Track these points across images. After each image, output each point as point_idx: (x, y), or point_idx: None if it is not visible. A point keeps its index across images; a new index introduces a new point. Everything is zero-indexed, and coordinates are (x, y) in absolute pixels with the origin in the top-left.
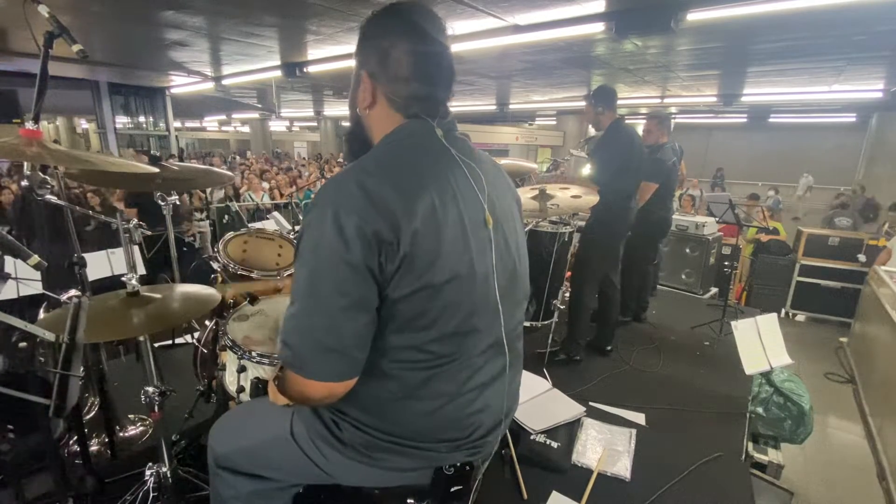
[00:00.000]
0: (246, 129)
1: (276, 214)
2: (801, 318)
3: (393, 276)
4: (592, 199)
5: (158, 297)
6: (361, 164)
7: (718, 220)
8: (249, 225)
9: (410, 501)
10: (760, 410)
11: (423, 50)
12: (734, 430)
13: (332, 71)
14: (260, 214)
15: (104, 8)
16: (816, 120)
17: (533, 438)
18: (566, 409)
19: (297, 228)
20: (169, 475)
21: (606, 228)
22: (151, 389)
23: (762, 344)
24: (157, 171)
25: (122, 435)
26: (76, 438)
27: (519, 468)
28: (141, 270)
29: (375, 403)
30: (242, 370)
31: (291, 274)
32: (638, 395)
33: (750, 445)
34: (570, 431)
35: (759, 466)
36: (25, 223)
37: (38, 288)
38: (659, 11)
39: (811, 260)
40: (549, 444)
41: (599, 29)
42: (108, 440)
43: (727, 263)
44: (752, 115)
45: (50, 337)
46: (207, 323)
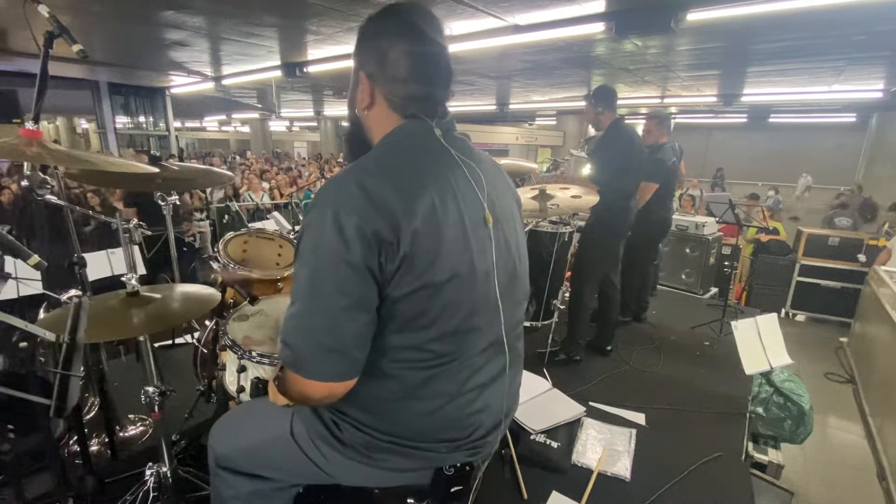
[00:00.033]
0: (246, 129)
1: (276, 214)
2: (801, 318)
3: (393, 275)
4: (592, 199)
5: (158, 297)
6: (361, 164)
7: (718, 220)
8: (249, 225)
9: (410, 501)
10: (760, 410)
11: (420, 50)
12: (734, 430)
13: (332, 71)
14: (260, 214)
15: (104, 8)
16: (816, 120)
17: (533, 438)
18: (566, 409)
19: (296, 228)
20: (169, 475)
21: (606, 228)
22: (151, 389)
23: (762, 344)
24: (157, 171)
25: (122, 435)
26: (76, 438)
27: (519, 468)
28: (141, 270)
29: (375, 403)
30: (242, 370)
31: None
32: (638, 395)
33: (750, 445)
34: (570, 431)
35: (759, 466)
36: (25, 223)
37: (38, 288)
38: (659, 11)
39: (811, 260)
40: (549, 444)
41: (599, 29)
42: (108, 440)
43: (727, 263)
44: (752, 115)
45: (50, 337)
46: (207, 323)
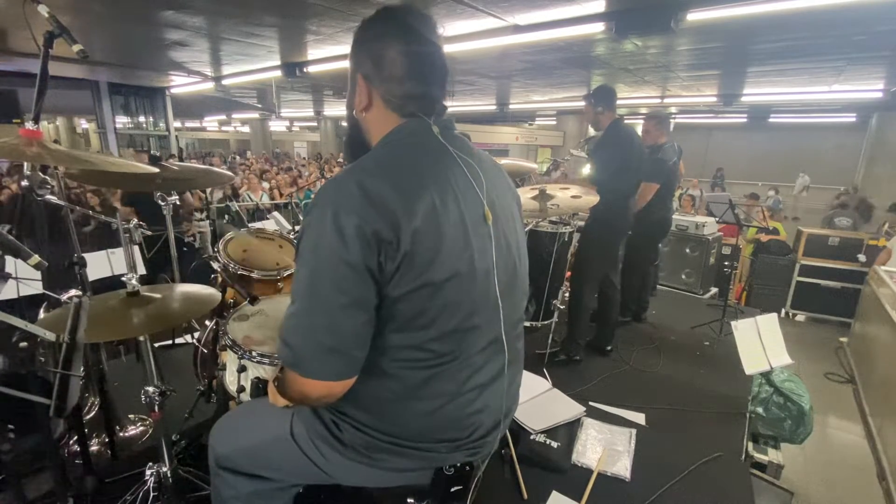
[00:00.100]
0: (246, 129)
1: (276, 214)
2: (801, 318)
3: (393, 275)
4: (592, 199)
5: (158, 297)
6: (361, 164)
7: (718, 220)
8: (249, 225)
9: (410, 501)
10: (760, 410)
11: (415, 49)
12: (734, 430)
13: (332, 71)
14: (260, 214)
15: (104, 8)
16: (816, 120)
17: (533, 438)
18: (566, 409)
19: (296, 228)
20: (169, 475)
21: (606, 228)
22: (151, 389)
23: (762, 344)
24: (157, 171)
25: (122, 435)
26: (76, 438)
27: (519, 468)
28: (141, 270)
29: (375, 403)
30: (243, 370)
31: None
32: (638, 395)
33: (750, 445)
34: (570, 431)
35: (759, 466)
36: (25, 223)
37: (38, 288)
38: (659, 11)
39: (811, 260)
40: (549, 444)
41: (599, 29)
42: (108, 440)
43: (727, 263)
44: (752, 115)
45: (50, 337)
46: (207, 323)
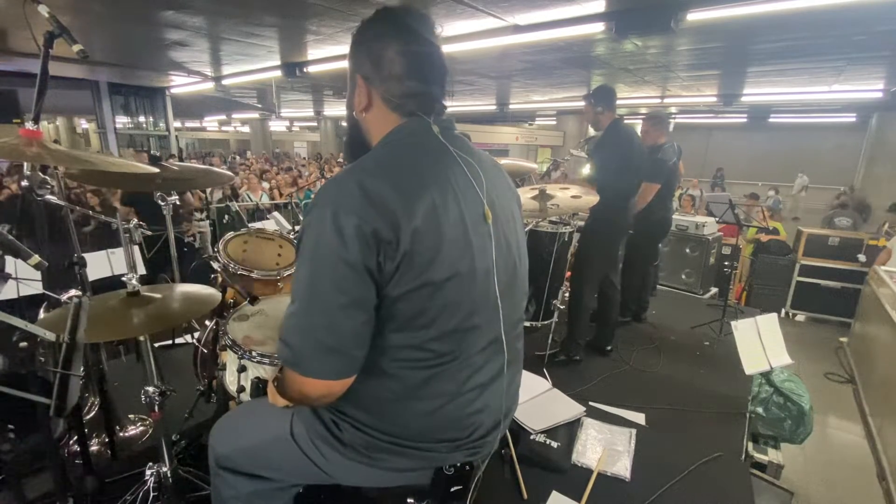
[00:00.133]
0: (246, 129)
1: (276, 214)
2: (801, 318)
3: (393, 274)
4: (592, 199)
5: (158, 297)
6: (361, 164)
7: (718, 220)
8: (249, 225)
9: (410, 501)
10: (760, 410)
11: (414, 49)
12: (734, 430)
13: (332, 71)
14: (260, 214)
15: (104, 8)
16: (816, 120)
17: (533, 438)
18: (566, 408)
19: (296, 228)
20: (169, 475)
21: (606, 228)
22: (151, 389)
23: (762, 344)
24: (156, 171)
25: (122, 435)
26: (76, 438)
27: (519, 468)
28: (141, 270)
29: (375, 403)
30: (243, 370)
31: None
32: (638, 395)
33: (750, 445)
34: (570, 431)
35: (759, 466)
36: (25, 223)
37: (38, 288)
38: (659, 11)
39: (811, 260)
40: (549, 444)
41: (599, 29)
42: (108, 440)
43: (727, 263)
44: (752, 115)
45: (50, 337)
46: (207, 323)
